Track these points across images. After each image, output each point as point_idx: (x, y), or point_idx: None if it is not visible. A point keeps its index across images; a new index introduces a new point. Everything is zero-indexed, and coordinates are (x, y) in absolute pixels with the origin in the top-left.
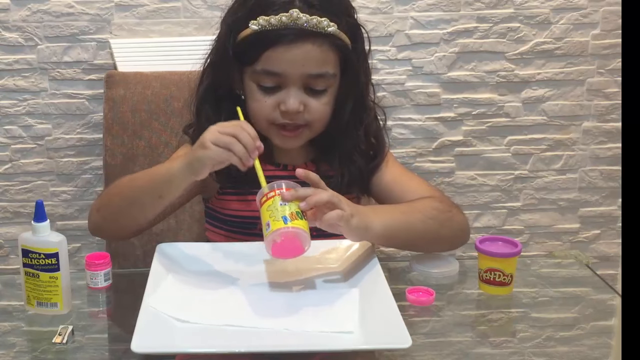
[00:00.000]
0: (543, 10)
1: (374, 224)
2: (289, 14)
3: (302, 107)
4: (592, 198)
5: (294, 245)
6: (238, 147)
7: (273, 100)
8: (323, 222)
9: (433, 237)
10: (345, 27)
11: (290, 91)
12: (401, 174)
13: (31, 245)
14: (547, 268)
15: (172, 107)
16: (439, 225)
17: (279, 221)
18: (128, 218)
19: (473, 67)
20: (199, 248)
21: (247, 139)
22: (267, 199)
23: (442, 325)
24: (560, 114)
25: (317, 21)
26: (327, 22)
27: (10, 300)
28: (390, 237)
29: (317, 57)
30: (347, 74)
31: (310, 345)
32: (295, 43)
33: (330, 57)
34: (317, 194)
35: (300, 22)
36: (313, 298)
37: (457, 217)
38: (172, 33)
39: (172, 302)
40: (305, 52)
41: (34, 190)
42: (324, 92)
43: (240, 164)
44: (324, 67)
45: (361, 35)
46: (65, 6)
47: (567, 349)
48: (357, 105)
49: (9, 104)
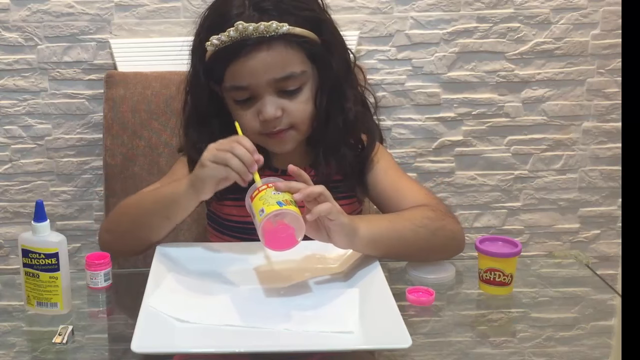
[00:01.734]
0: (543, 10)
1: (361, 228)
2: (235, 27)
3: (279, 112)
4: (592, 198)
5: (287, 233)
6: (235, 162)
7: (252, 112)
8: (314, 213)
9: (424, 246)
10: (302, 22)
11: (264, 100)
12: (399, 179)
13: (31, 245)
14: (547, 268)
15: (172, 107)
16: (431, 234)
17: (273, 205)
18: (137, 239)
19: (473, 67)
20: (199, 248)
21: (244, 152)
22: (259, 192)
23: (442, 325)
24: (560, 114)
25: (265, 27)
26: (276, 24)
27: (10, 300)
28: (378, 243)
29: (276, 61)
30: (319, 66)
31: (310, 345)
32: (250, 54)
33: (291, 56)
34: (310, 187)
35: (248, 32)
36: (313, 298)
37: (450, 226)
38: (172, 33)
39: (172, 302)
40: (263, 59)
41: (34, 190)
42: (299, 90)
43: (240, 179)
44: (287, 69)
45: (328, 26)
46: (65, 6)
47: (567, 349)
48: (335, 94)
49: (9, 104)
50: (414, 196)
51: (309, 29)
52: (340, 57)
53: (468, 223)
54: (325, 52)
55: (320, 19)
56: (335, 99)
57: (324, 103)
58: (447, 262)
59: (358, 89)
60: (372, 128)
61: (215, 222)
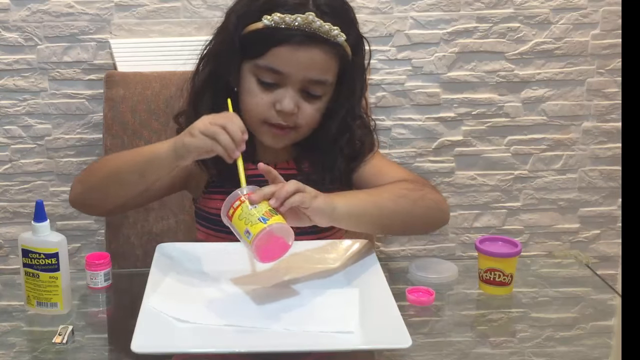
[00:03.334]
0: (543, 10)
1: (339, 205)
2: (305, 16)
3: (296, 109)
4: (592, 198)
5: (279, 244)
6: (224, 137)
7: (270, 98)
8: (285, 206)
9: (406, 216)
10: (351, 39)
11: (287, 91)
12: (381, 164)
13: (31, 245)
14: (547, 268)
15: (172, 107)
16: (411, 203)
17: (257, 224)
18: (107, 192)
19: (473, 67)
20: (199, 248)
21: (236, 130)
22: (235, 210)
23: (442, 325)
24: (560, 114)
25: (329, 28)
26: (338, 32)
27: (10, 300)
28: (359, 217)
29: (321, 63)
30: (343, 84)
31: (310, 345)
32: (303, 46)
33: (332, 65)
34: (282, 187)
35: (314, 26)
36: (313, 298)
37: (430, 195)
38: (172, 33)
39: (172, 302)
40: (311, 56)
41: (33, 190)
42: (319, 98)
43: (226, 154)
44: (325, 75)
45: (362, 48)
46: (65, 6)
47: (567, 349)
48: (347, 115)
49: (9, 104)
50: (394, 174)
51: (351, 48)
52: (363, 81)
53: (468, 223)
54: (354, 73)
55: (361, 40)
56: (346, 119)
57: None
58: (450, 262)
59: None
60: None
61: (202, 218)
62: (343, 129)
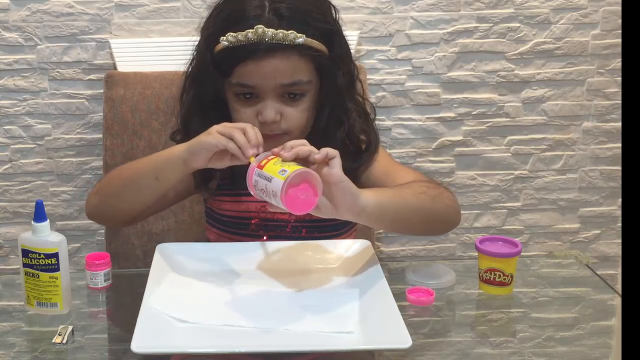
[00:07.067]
0: (543, 10)
1: (365, 194)
2: (254, 30)
3: (278, 117)
4: (592, 198)
5: (308, 193)
6: (240, 136)
7: (252, 111)
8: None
9: (427, 213)
10: (317, 34)
11: (266, 102)
12: (393, 166)
13: (31, 245)
14: (547, 268)
15: (172, 107)
16: (431, 200)
17: (295, 166)
18: (124, 200)
19: (473, 67)
20: (199, 248)
21: (253, 133)
22: (268, 160)
23: (442, 325)
24: (560, 114)
25: (283, 35)
26: (294, 35)
27: (10, 300)
28: (386, 208)
29: (287, 68)
30: (325, 79)
31: (310, 345)
32: (263, 58)
33: (301, 65)
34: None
35: (267, 37)
36: (313, 298)
37: (446, 193)
38: (172, 33)
39: (172, 302)
40: (274, 65)
41: (33, 190)
42: (301, 98)
43: (240, 153)
44: (295, 76)
45: (339, 39)
46: (65, 6)
47: (567, 349)
48: (336, 108)
49: (8, 104)
50: (404, 174)
51: (323, 42)
52: (346, 71)
53: (468, 223)
54: (333, 66)
55: (334, 32)
56: (336, 112)
57: (325, 115)
58: (447, 267)
59: (358, 98)
60: (371, 138)
61: (213, 218)
62: (336, 122)
